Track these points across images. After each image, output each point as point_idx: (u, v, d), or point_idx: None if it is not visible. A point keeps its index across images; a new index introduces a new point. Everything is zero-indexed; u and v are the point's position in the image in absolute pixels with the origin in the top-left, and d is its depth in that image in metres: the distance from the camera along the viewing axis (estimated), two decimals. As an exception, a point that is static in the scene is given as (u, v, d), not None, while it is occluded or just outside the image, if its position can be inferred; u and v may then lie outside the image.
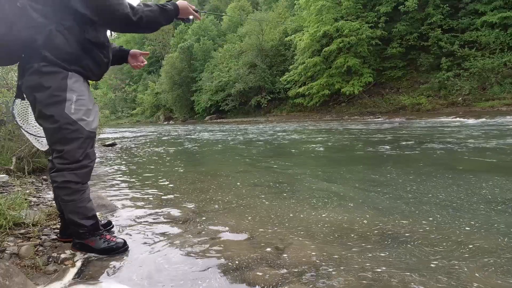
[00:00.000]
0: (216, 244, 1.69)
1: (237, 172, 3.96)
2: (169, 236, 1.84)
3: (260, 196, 2.66)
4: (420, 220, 1.95)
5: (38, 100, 1.43)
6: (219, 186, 3.15)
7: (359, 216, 2.06)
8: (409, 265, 1.40)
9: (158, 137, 11.85)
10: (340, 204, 2.35)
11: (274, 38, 29.49)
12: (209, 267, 1.45)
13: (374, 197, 2.50)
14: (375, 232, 1.80)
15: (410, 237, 1.70)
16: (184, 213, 2.27)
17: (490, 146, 4.92)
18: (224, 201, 2.56)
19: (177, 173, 4.14)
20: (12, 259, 1.45)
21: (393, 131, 8.81)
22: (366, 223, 1.94)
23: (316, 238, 1.73)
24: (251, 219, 2.08)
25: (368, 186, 2.89)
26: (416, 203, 2.29)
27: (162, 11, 1.55)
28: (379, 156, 4.76)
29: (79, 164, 1.48)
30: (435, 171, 3.37)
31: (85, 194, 1.54)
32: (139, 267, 1.47)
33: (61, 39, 1.40)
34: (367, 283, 1.26)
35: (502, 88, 15.70)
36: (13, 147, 3.63)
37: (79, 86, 1.47)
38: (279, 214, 2.18)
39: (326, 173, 3.66)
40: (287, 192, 2.78)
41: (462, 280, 1.26)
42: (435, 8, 19.30)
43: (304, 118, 21.82)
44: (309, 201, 2.46)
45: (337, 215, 2.11)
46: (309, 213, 2.17)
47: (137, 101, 49.59)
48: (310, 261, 1.47)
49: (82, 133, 1.46)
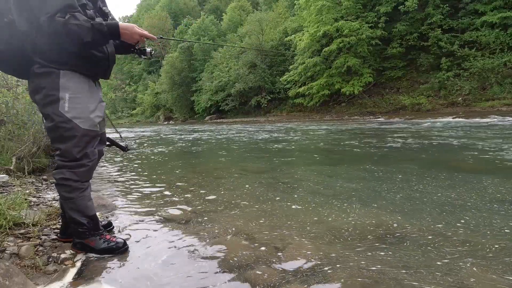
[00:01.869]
0: (216, 244, 1.69)
1: (237, 172, 3.96)
2: (169, 236, 1.84)
3: (259, 196, 2.67)
4: (420, 220, 1.95)
5: (37, 102, 1.48)
6: (219, 186, 3.15)
7: (358, 216, 2.06)
8: (409, 265, 1.40)
9: (158, 137, 11.85)
10: (340, 204, 2.35)
11: (274, 38, 29.49)
12: (209, 267, 1.45)
13: (374, 197, 2.50)
14: (374, 231, 1.80)
15: (409, 237, 1.70)
16: (184, 213, 2.27)
17: (490, 146, 4.92)
18: (224, 201, 2.56)
19: (177, 173, 4.15)
20: (12, 259, 1.45)
21: (393, 131, 8.81)
22: (366, 222, 1.94)
23: (316, 238, 1.74)
24: (251, 219, 2.08)
25: (368, 186, 2.89)
26: (416, 203, 2.29)
27: (92, 28, 1.37)
28: (379, 156, 4.77)
29: (77, 163, 1.49)
30: (435, 171, 3.37)
31: (85, 193, 1.55)
32: (139, 267, 1.47)
33: (45, 41, 1.39)
34: (366, 283, 1.27)
35: (502, 88, 15.69)
36: (13, 147, 3.63)
37: (73, 84, 1.46)
38: (279, 214, 2.18)
39: (326, 172, 3.66)
40: (287, 192, 2.79)
41: (462, 279, 1.27)
42: (435, 8, 19.29)
43: (304, 118, 21.82)
44: (309, 201, 2.47)
45: (337, 215, 2.11)
46: (309, 213, 2.17)
47: (137, 101, 49.60)
48: (309, 260, 1.47)
49: (77, 131, 1.46)
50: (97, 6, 1.59)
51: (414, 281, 1.27)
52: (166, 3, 56.89)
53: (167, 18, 51.28)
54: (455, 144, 5.39)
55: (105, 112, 1.69)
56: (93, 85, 1.57)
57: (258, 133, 10.89)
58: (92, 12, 1.50)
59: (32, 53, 1.41)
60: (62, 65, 1.44)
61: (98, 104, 1.57)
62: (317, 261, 1.47)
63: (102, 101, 1.63)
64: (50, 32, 1.34)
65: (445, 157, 4.32)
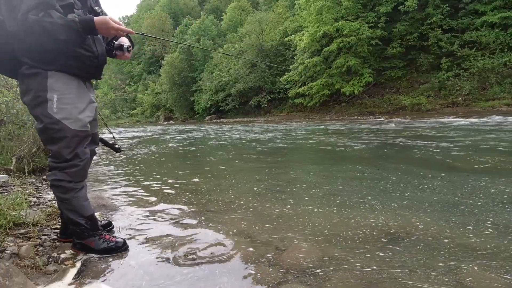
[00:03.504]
0: (216, 244, 1.69)
1: (237, 172, 3.96)
2: (169, 236, 1.84)
3: (260, 196, 2.67)
4: (420, 220, 1.95)
5: (27, 103, 1.47)
6: (219, 186, 3.15)
7: (360, 217, 2.06)
8: (409, 265, 1.40)
9: (158, 137, 11.85)
10: (341, 205, 2.35)
11: (274, 38, 29.49)
12: (210, 267, 1.45)
13: (374, 198, 2.50)
14: (374, 232, 1.80)
15: (410, 237, 1.70)
16: (184, 213, 2.27)
17: (490, 147, 4.92)
18: (224, 201, 2.56)
19: (177, 173, 4.14)
20: (12, 259, 1.45)
21: (393, 131, 8.81)
22: (366, 223, 1.94)
23: (316, 239, 1.74)
24: (252, 219, 2.08)
25: (369, 186, 2.89)
26: (416, 203, 2.29)
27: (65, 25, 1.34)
28: (379, 156, 4.77)
29: (68, 163, 1.48)
30: (435, 171, 3.37)
31: (79, 193, 1.54)
32: (139, 267, 1.47)
33: (29, 41, 1.37)
34: (367, 283, 1.27)
35: (502, 88, 15.69)
36: (13, 147, 3.63)
37: (61, 85, 1.45)
38: (280, 214, 2.18)
39: (327, 173, 3.66)
40: (288, 192, 2.78)
41: (462, 279, 1.26)
42: (435, 8, 19.29)
43: (304, 118, 21.81)
44: (309, 202, 2.47)
45: (337, 215, 2.11)
46: (310, 214, 2.17)
47: (137, 101, 49.56)
48: (310, 261, 1.47)
49: (67, 132, 1.45)
50: (88, 5, 1.56)
51: (414, 281, 1.27)
52: (166, 3, 56.87)
53: (167, 18, 51.26)
54: (455, 144, 5.39)
55: (98, 113, 1.68)
56: (82, 85, 1.55)
57: (258, 133, 10.89)
58: (81, 12, 1.48)
59: (20, 53, 1.40)
60: (49, 66, 1.43)
61: (88, 105, 1.56)
62: (318, 261, 1.46)
63: (93, 102, 1.61)
64: (24, 30, 1.32)
65: (444, 157, 4.32)
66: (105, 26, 1.43)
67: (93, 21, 1.40)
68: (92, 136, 1.62)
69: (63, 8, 1.39)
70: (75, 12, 1.43)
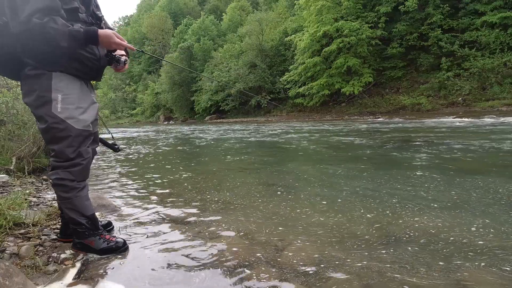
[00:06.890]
0: (216, 244, 1.69)
1: (237, 172, 3.96)
2: (169, 236, 1.84)
3: (260, 196, 2.67)
4: (420, 220, 1.95)
5: (29, 104, 1.48)
6: (219, 186, 3.15)
7: (359, 216, 2.06)
8: (409, 265, 1.40)
9: (158, 137, 11.85)
10: (340, 204, 2.35)
11: (274, 38, 29.49)
12: (209, 267, 1.45)
13: (374, 197, 2.50)
14: (374, 231, 1.80)
15: (410, 237, 1.70)
16: (184, 213, 2.27)
17: (491, 146, 4.92)
18: (224, 201, 2.56)
19: (177, 173, 4.14)
20: (12, 259, 1.45)
21: (393, 131, 8.81)
22: (366, 223, 1.94)
23: (316, 238, 1.74)
24: (251, 219, 2.08)
25: (369, 186, 2.89)
26: (416, 203, 2.29)
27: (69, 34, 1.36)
28: (379, 156, 4.77)
29: (71, 162, 1.49)
30: (435, 170, 3.37)
31: (81, 192, 1.55)
32: (139, 267, 1.47)
33: (33, 43, 1.37)
34: (366, 283, 1.27)
35: (502, 88, 15.70)
36: (13, 147, 3.63)
37: (65, 85, 1.47)
38: (279, 214, 2.18)
39: (327, 173, 3.66)
40: (287, 192, 2.79)
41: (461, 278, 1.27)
42: (435, 8, 19.30)
43: (304, 118, 21.82)
44: (309, 201, 2.47)
45: (337, 215, 2.11)
46: (309, 213, 2.17)
47: (137, 101, 49.58)
48: (309, 261, 1.47)
49: (71, 132, 1.47)
50: (90, 10, 1.59)
51: (414, 280, 1.27)
52: (166, 3, 56.89)
53: (167, 18, 51.28)
54: (455, 144, 5.39)
55: (98, 113, 1.70)
56: (85, 86, 1.58)
57: (258, 133, 10.89)
58: (85, 16, 1.51)
59: (23, 54, 1.41)
60: (53, 67, 1.44)
61: (91, 105, 1.58)
62: (318, 261, 1.46)
63: (95, 102, 1.64)
64: (26, 32, 1.32)
65: (444, 157, 4.32)
66: (108, 40, 1.48)
67: (97, 34, 1.43)
68: (93, 135, 1.63)
69: (68, 12, 1.41)
70: (80, 17, 1.46)
